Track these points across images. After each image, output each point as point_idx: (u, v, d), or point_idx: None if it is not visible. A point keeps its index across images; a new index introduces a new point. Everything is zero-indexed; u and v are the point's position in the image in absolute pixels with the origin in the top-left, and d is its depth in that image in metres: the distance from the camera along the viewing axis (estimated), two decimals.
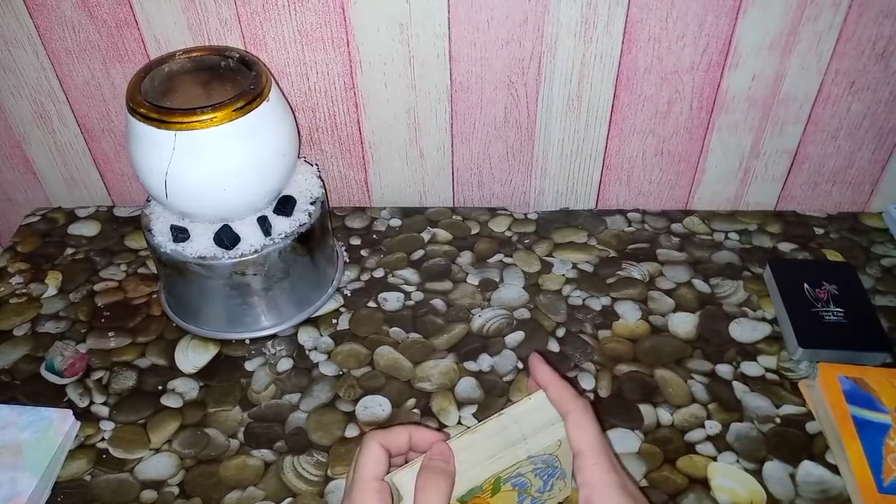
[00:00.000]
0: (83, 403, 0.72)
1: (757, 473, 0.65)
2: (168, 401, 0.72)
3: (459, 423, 0.69)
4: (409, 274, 0.84)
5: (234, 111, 0.66)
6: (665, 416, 0.69)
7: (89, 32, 0.79)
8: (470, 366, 0.74)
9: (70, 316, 0.80)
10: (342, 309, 0.80)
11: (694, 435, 0.68)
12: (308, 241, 0.75)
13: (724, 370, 0.73)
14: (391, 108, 0.84)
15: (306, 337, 0.77)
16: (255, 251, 0.71)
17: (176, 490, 0.65)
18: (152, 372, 0.74)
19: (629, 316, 0.78)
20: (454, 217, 0.91)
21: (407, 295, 0.81)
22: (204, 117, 0.65)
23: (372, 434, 0.50)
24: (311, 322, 0.79)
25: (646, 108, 0.83)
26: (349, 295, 0.82)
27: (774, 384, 0.72)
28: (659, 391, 0.71)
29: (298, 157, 0.79)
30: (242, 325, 0.77)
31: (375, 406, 0.71)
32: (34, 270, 0.86)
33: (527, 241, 0.88)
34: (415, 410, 0.70)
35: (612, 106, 0.82)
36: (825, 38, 0.76)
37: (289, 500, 0.64)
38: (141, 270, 0.85)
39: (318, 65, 0.81)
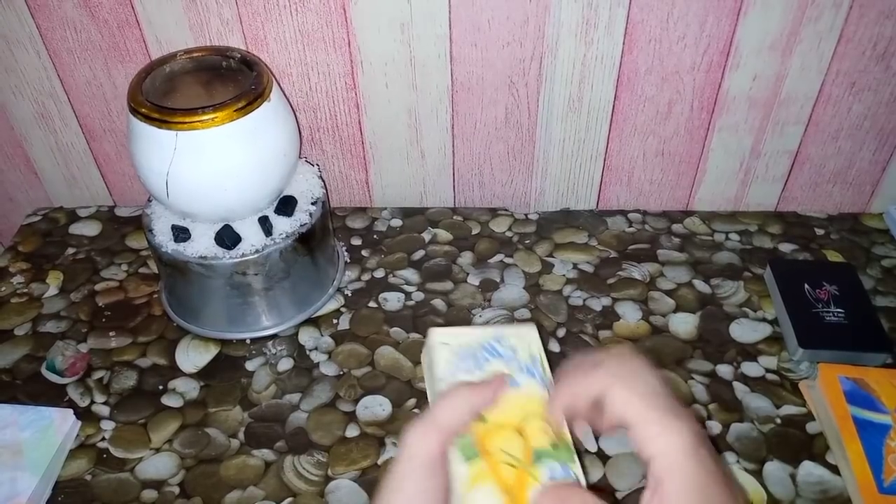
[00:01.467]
0: (84, 403, 0.72)
1: (757, 474, 0.65)
2: (168, 400, 0.72)
3: None
4: (410, 274, 0.84)
5: (235, 111, 0.66)
6: None
7: (91, 32, 0.79)
8: None
9: (71, 315, 0.80)
10: (343, 309, 0.80)
11: None
12: (309, 242, 0.75)
13: (724, 370, 0.73)
14: (392, 108, 0.84)
15: (307, 337, 0.77)
16: (256, 251, 0.72)
17: (176, 490, 0.65)
18: (153, 372, 0.74)
19: (630, 316, 0.78)
20: (455, 217, 0.91)
21: (407, 295, 0.81)
22: (205, 117, 0.65)
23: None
24: (312, 322, 0.79)
25: (646, 108, 0.83)
26: (350, 295, 0.82)
27: (775, 384, 0.72)
28: None
29: (299, 157, 0.79)
30: (243, 325, 0.77)
31: (376, 406, 0.71)
32: (35, 270, 0.86)
33: (527, 242, 0.88)
34: (415, 410, 0.70)
35: (613, 107, 0.82)
36: (826, 38, 0.76)
37: (289, 499, 0.64)
38: (142, 270, 0.85)
39: (319, 65, 0.81)
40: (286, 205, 0.75)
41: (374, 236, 0.89)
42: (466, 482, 0.40)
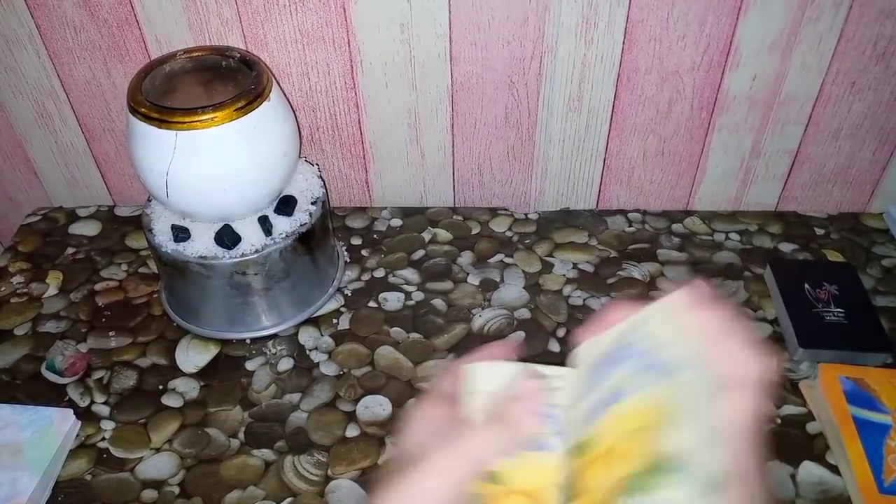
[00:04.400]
0: (84, 403, 0.72)
1: None
2: (169, 400, 0.72)
3: None
4: (410, 274, 0.84)
5: (234, 111, 0.66)
6: None
7: (90, 32, 0.79)
8: None
9: (71, 315, 0.80)
10: (343, 309, 0.80)
11: None
12: (309, 241, 0.75)
13: None
14: (392, 107, 0.84)
15: (307, 337, 0.77)
16: (256, 251, 0.71)
17: (176, 490, 0.65)
18: (153, 371, 0.74)
19: None
20: (455, 217, 0.91)
21: (407, 295, 0.81)
22: (205, 117, 0.65)
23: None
24: (312, 322, 0.79)
25: (646, 108, 0.83)
26: (350, 295, 0.82)
27: (775, 384, 0.72)
28: None
29: (299, 156, 0.79)
30: (243, 325, 0.77)
31: (376, 406, 0.71)
32: (35, 270, 0.86)
33: (527, 242, 0.87)
34: None
35: (613, 106, 0.82)
36: (826, 38, 0.76)
37: (289, 499, 0.64)
38: (142, 270, 0.85)
39: (318, 65, 0.81)
40: (286, 204, 0.75)
41: (374, 236, 0.89)
42: None
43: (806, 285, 0.78)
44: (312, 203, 0.77)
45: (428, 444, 0.39)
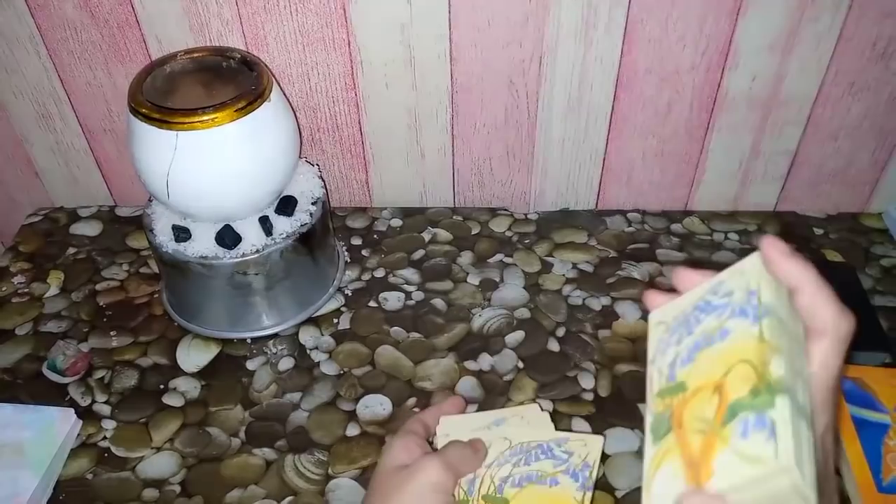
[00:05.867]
0: (85, 402, 0.72)
1: None
2: (169, 400, 0.72)
3: None
4: (410, 274, 0.84)
5: (235, 111, 0.66)
6: None
7: (91, 33, 0.80)
8: (470, 365, 0.74)
9: (72, 315, 0.80)
10: (343, 308, 0.80)
11: None
12: (309, 241, 0.75)
13: None
14: (392, 108, 0.84)
15: (307, 336, 0.78)
16: (257, 251, 0.72)
17: (177, 489, 0.65)
18: (154, 371, 0.75)
19: (629, 316, 0.79)
20: (455, 217, 0.91)
21: (407, 294, 0.82)
22: (205, 117, 0.65)
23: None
24: (313, 321, 0.79)
25: (646, 108, 0.83)
26: (350, 294, 0.82)
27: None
28: None
29: (300, 157, 0.79)
30: (244, 325, 0.77)
31: (376, 405, 0.71)
32: (36, 270, 0.86)
33: (527, 241, 0.88)
34: (415, 409, 0.70)
35: (613, 107, 0.83)
36: (825, 38, 0.76)
37: (290, 498, 0.64)
38: (143, 270, 0.85)
39: (319, 65, 0.81)
40: (286, 205, 0.75)
41: (375, 236, 0.89)
42: (650, 467, 0.35)
43: None
44: (313, 203, 0.77)
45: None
